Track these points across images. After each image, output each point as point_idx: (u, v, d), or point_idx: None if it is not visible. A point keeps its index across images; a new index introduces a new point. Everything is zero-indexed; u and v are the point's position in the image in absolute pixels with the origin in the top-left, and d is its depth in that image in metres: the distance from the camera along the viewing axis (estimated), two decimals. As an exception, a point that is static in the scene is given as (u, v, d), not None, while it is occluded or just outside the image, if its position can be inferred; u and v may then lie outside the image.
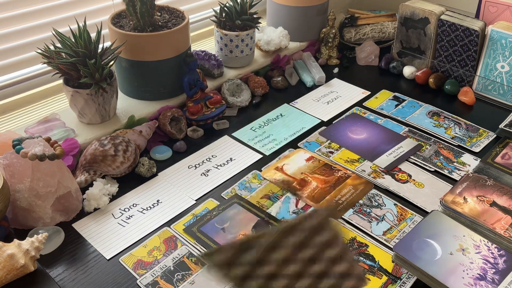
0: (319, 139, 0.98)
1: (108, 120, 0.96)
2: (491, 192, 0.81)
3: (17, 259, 0.66)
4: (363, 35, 1.30)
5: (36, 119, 0.96)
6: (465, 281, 0.67)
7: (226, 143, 0.97)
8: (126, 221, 0.79)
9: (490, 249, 0.72)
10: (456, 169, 0.91)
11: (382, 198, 0.84)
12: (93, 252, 0.74)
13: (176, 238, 0.76)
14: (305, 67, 1.21)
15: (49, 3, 1.00)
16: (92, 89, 0.87)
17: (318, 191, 0.85)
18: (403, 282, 0.70)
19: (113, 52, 0.90)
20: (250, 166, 0.91)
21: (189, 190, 0.86)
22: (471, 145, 0.97)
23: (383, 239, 0.76)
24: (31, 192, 0.74)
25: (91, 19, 1.02)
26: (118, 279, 0.70)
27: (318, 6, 1.22)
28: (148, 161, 0.88)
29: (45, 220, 0.76)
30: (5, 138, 0.83)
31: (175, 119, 0.99)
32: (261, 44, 1.17)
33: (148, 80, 1.00)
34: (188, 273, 0.70)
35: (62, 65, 0.86)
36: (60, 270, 0.71)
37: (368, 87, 1.16)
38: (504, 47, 1.06)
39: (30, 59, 0.98)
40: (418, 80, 1.17)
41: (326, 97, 1.12)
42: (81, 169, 0.85)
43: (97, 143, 0.86)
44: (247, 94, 1.09)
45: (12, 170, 0.75)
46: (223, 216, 0.80)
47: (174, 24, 1.00)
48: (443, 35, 1.13)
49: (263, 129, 1.01)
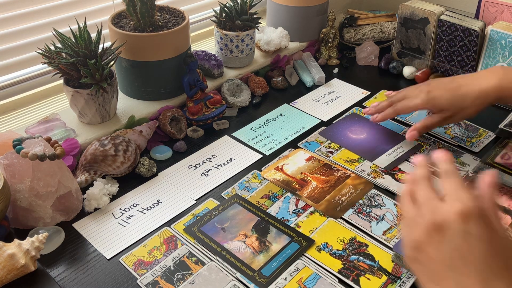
0: (319, 139, 0.99)
1: (109, 120, 0.96)
2: (491, 192, 0.81)
3: (18, 259, 0.67)
4: (363, 35, 1.30)
5: (37, 119, 0.96)
6: (465, 280, 0.67)
7: (226, 143, 0.97)
8: (126, 221, 0.79)
9: (490, 249, 0.72)
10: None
11: (382, 198, 0.84)
12: (94, 252, 0.74)
13: (176, 238, 0.76)
14: (305, 67, 1.21)
15: (49, 3, 1.00)
16: (93, 89, 0.88)
17: (318, 191, 0.85)
18: (403, 282, 0.70)
19: (113, 52, 0.90)
20: (250, 166, 0.91)
21: (189, 190, 0.86)
22: (470, 145, 0.97)
23: (383, 239, 0.77)
24: (31, 192, 0.74)
25: (91, 19, 1.02)
26: (118, 279, 0.70)
27: (318, 6, 1.22)
28: (148, 161, 0.88)
29: (45, 220, 0.76)
30: (5, 138, 0.83)
31: (175, 119, 0.99)
32: (261, 44, 1.18)
33: (148, 80, 1.00)
34: (188, 273, 0.70)
35: (62, 65, 0.86)
36: (61, 270, 0.71)
37: (368, 87, 1.16)
38: (504, 47, 1.06)
39: (30, 59, 0.99)
40: (418, 80, 1.17)
41: (326, 97, 1.12)
42: (82, 169, 0.85)
43: (98, 143, 0.86)
44: (247, 94, 1.09)
45: (13, 170, 0.75)
46: (223, 216, 0.80)
47: (174, 24, 1.00)
48: (443, 35, 1.13)
49: (263, 129, 1.02)
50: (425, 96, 0.85)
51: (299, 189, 0.86)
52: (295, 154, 0.94)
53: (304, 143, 0.97)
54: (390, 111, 0.91)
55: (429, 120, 0.88)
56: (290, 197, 0.84)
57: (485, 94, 0.81)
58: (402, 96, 0.91)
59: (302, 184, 0.87)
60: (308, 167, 0.90)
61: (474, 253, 0.45)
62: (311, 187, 0.86)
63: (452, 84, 0.85)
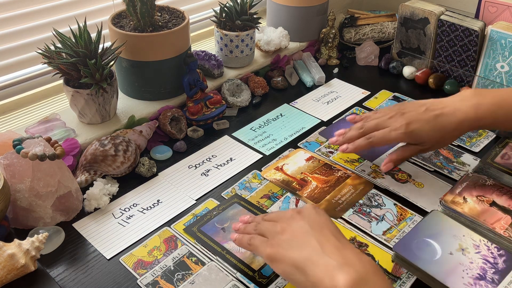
0: (319, 139, 0.99)
1: (109, 120, 0.96)
2: (491, 192, 0.81)
3: (18, 259, 0.67)
4: (363, 35, 1.30)
5: (37, 119, 0.96)
6: (465, 280, 0.67)
7: (226, 143, 0.97)
8: (126, 221, 0.79)
9: (490, 249, 0.72)
10: (455, 169, 0.91)
11: (382, 198, 0.84)
12: (94, 252, 0.74)
13: (176, 238, 0.76)
14: (305, 67, 1.21)
15: (49, 3, 1.00)
16: (93, 89, 0.88)
17: (318, 191, 0.85)
18: (403, 282, 0.70)
19: (113, 52, 0.90)
20: (250, 166, 0.91)
21: (189, 190, 0.86)
22: (470, 145, 0.97)
23: (383, 239, 0.77)
24: (31, 192, 0.74)
25: (91, 19, 1.02)
26: (118, 279, 0.70)
27: (318, 6, 1.22)
28: (148, 161, 0.88)
29: (45, 220, 0.76)
30: (5, 138, 0.83)
31: (175, 119, 0.99)
32: (261, 44, 1.18)
33: (148, 80, 1.00)
34: (188, 273, 0.70)
35: (62, 65, 0.86)
36: (61, 270, 0.71)
37: (368, 87, 1.16)
38: (504, 47, 1.06)
39: (30, 59, 0.99)
40: (418, 80, 1.18)
41: (326, 97, 1.12)
42: (82, 169, 0.85)
43: (98, 143, 0.86)
44: (247, 94, 1.09)
45: (13, 170, 0.75)
46: (223, 216, 0.80)
47: (174, 24, 1.00)
48: (443, 35, 1.13)
49: (263, 129, 1.02)
50: (404, 130, 0.81)
51: (299, 189, 0.86)
52: (295, 154, 0.94)
53: (304, 143, 0.97)
54: (364, 142, 0.84)
55: (407, 152, 0.84)
56: (290, 197, 0.84)
57: (462, 126, 0.80)
58: (375, 125, 0.84)
59: (302, 184, 0.87)
60: (308, 167, 0.90)
61: (325, 221, 0.64)
62: (311, 187, 0.86)
63: (427, 114, 0.81)
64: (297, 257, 0.60)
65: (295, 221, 0.65)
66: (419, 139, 0.82)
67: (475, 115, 0.79)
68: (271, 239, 0.64)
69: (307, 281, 0.59)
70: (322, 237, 0.61)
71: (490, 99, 0.80)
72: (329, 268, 0.57)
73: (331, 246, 0.60)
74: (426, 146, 0.83)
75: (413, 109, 0.83)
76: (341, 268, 0.57)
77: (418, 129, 0.81)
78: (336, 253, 0.59)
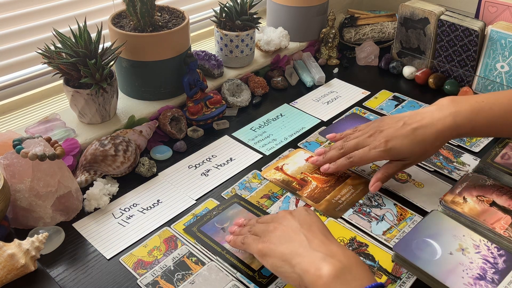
0: (319, 139, 0.99)
1: (109, 120, 0.96)
2: (491, 192, 0.81)
3: (18, 259, 0.67)
4: (363, 35, 1.30)
5: (37, 119, 0.96)
6: (465, 280, 0.67)
7: (226, 143, 0.97)
8: (126, 221, 0.79)
9: (490, 248, 0.72)
10: (455, 169, 0.91)
11: (382, 198, 0.84)
12: (94, 252, 0.74)
13: (176, 238, 0.76)
14: (305, 67, 1.21)
15: (49, 3, 1.00)
16: (93, 89, 0.88)
17: (318, 191, 0.85)
18: (403, 282, 0.70)
19: (113, 52, 0.90)
20: (250, 166, 0.91)
21: (189, 190, 0.86)
22: (470, 145, 0.97)
23: (383, 238, 0.77)
24: (31, 192, 0.74)
25: (91, 19, 1.02)
26: (118, 279, 0.70)
27: (318, 6, 1.22)
28: (148, 161, 0.88)
29: (45, 220, 0.76)
30: (5, 138, 0.83)
31: (175, 119, 0.99)
32: (261, 44, 1.18)
33: (148, 80, 1.00)
34: (188, 273, 0.71)
35: (62, 65, 0.86)
36: (61, 270, 0.71)
37: (368, 87, 1.16)
38: (504, 47, 1.06)
39: (30, 59, 0.99)
40: (418, 80, 1.18)
41: (326, 97, 1.12)
42: (82, 169, 0.85)
43: (98, 143, 0.86)
44: (247, 94, 1.09)
45: (13, 170, 0.75)
46: (223, 216, 0.80)
47: (174, 24, 1.00)
48: (443, 35, 1.13)
49: (263, 129, 1.02)
50: (383, 148, 0.80)
51: (299, 189, 0.86)
52: (295, 154, 0.94)
53: (304, 143, 0.97)
54: (345, 162, 0.85)
55: (390, 169, 0.83)
56: (290, 197, 0.84)
57: (442, 135, 0.79)
58: (354, 145, 0.84)
59: (302, 184, 0.87)
60: (308, 167, 0.90)
61: (314, 220, 0.67)
62: (311, 187, 0.86)
63: (405, 129, 0.80)
64: (285, 250, 0.63)
65: (286, 220, 0.68)
66: (400, 154, 0.81)
67: (454, 123, 0.78)
68: (263, 237, 0.67)
69: (293, 272, 0.61)
70: (310, 233, 0.65)
71: (467, 107, 0.79)
72: (315, 260, 0.60)
73: (318, 241, 0.63)
74: (409, 160, 0.82)
75: (391, 125, 0.82)
76: (326, 259, 0.60)
77: (398, 145, 0.80)
78: (322, 246, 0.62)
